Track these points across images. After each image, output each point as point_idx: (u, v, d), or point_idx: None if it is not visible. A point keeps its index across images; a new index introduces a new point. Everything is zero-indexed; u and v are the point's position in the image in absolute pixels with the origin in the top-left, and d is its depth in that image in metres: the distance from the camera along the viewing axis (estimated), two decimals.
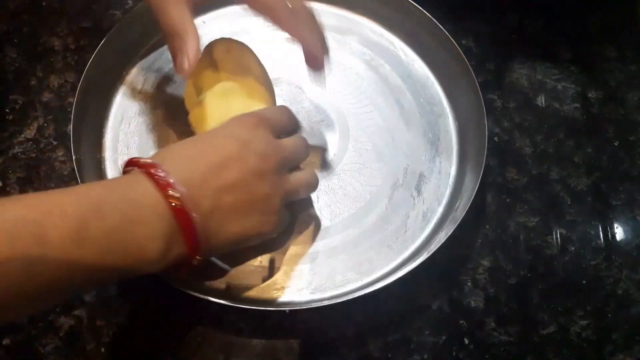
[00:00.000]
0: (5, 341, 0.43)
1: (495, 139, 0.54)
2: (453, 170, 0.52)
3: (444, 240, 0.44)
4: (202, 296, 0.42)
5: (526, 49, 0.60)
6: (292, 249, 0.47)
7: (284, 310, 0.44)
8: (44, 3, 0.59)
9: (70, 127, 0.48)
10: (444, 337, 0.46)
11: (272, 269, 0.46)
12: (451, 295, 0.47)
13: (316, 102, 0.54)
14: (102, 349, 0.43)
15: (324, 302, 0.43)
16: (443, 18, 0.56)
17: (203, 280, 0.45)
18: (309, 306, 0.44)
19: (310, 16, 0.45)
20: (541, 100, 0.57)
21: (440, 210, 0.50)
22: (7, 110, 0.53)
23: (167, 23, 0.42)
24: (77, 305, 0.44)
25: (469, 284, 0.48)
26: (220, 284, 0.45)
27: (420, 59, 0.58)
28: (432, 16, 0.55)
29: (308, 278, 0.46)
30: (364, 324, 0.45)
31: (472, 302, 0.47)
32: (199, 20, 0.57)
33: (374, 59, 0.57)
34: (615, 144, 0.55)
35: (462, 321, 0.46)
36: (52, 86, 0.54)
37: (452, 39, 0.54)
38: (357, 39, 0.58)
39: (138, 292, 0.45)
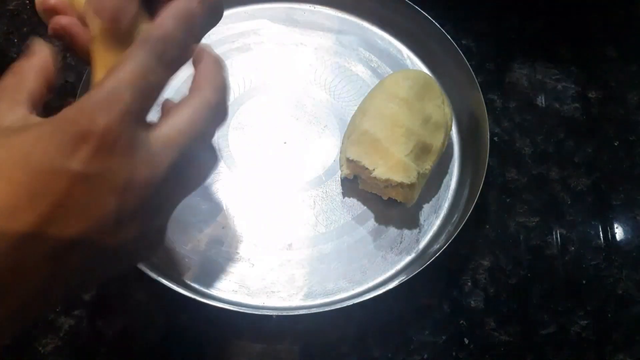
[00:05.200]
0: (5, 341, 0.43)
1: (495, 139, 0.54)
2: (454, 178, 0.52)
3: (438, 254, 0.44)
4: (199, 299, 0.42)
5: (526, 49, 0.60)
6: (286, 254, 0.47)
7: (272, 316, 0.43)
8: None
9: None
10: (444, 337, 0.46)
11: (265, 274, 0.46)
12: (451, 295, 0.47)
13: (320, 107, 0.54)
14: (102, 349, 0.43)
15: (313, 309, 0.43)
16: (443, 18, 0.56)
17: (201, 283, 0.46)
18: (297, 312, 0.43)
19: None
20: (541, 100, 0.57)
21: (437, 223, 0.50)
22: None
23: None
24: (77, 305, 0.44)
25: (469, 284, 0.48)
26: (214, 286, 0.45)
27: (419, 59, 0.58)
28: (432, 16, 0.55)
29: (300, 284, 0.46)
30: (364, 324, 0.45)
31: (472, 302, 0.47)
32: None
33: (372, 60, 0.57)
34: (615, 144, 0.55)
35: (462, 321, 0.46)
36: None
37: (452, 39, 0.54)
38: (356, 40, 0.58)
39: (137, 293, 0.45)
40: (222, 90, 0.30)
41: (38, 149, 0.24)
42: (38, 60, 0.30)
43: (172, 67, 0.29)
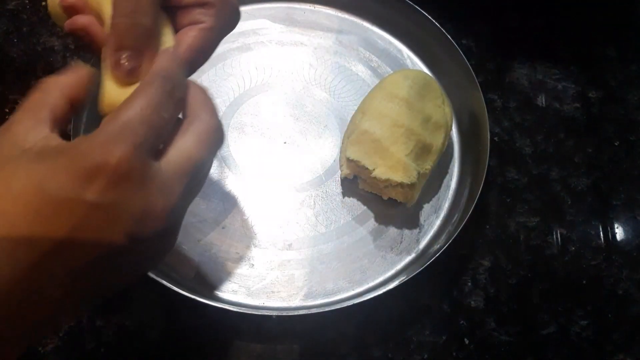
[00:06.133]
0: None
1: (496, 138, 0.54)
2: (454, 178, 0.52)
3: (438, 254, 0.44)
4: (199, 299, 0.42)
5: (526, 49, 0.60)
6: (286, 254, 0.47)
7: (272, 316, 0.43)
8: (43, 3, 0.59)
9: (71, 127, 0.48)
10: (444, 337, 0.46)
11: (264, 274, 0.46)
12: (451, 295, 0.47)
13: (320, 107, 0.54)
14: (102, 349, 0.43)
15: (313, 309, 0.43)
16: (443, 18, 0.56)
17: (201, 283, 0.45)
18: (297, 312, 0.43)
19: None
20: (541, 100, 0.57)
21: (437, 222, 0.50)
22: (7, 110, 0.53)
23: None
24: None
25: (469, 284, 0.48)
26: (214, 286, 0.45)
27: (419, 59, 0.58)
28: (432, 16, 0.55)
29: (300, 284, 0.46)
30: (364, 324, 0.45)
31: (472, 302, 0.47)
32: None
33: (372, 60, 0.57)
34: (616, 144, 0.55)
35: (462, 321, 0.46)
36: None
37: (452, 39, 0.54)
38: (356, 40, 0.58)
39: (138, 293, 0.45)
40: (216, 113, 0.31)
41: (54, 180, 0.25)
42: (66, 78, 0.30)
43: (180, 105, 0.30)
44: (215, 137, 0.30)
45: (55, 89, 0.29)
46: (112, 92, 0.30)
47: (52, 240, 0.25)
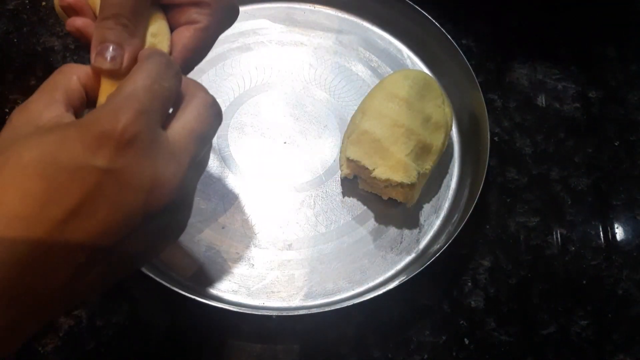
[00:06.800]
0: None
1: (496, 138, 0.54)
2: (454, 178, 0.52)
3: (438, 254, 0.44)
4: (199, 299, 0.42)
5: (526, 49, 0.60)
6: (286, 254, 0.47)
7: (272, 316, 0.43)
8: (43, 3, 0.59)
9: None
10: (444, 337, 0.46)
11: (264, 274, 0.46)
12: (451, 295, 0.47)
13: (320, 107, 0.54)
14: (102, 349, 0.43)
15: (313, 309, 0.43)
16: (443, 18, 0.56)
17: (201, 283, 0.45)
18: (297, 312, 0.43)
19: None
20: (541, 100, 0.57)
21: (437, 223, 0.50)
22: (7, 110, 0.53)
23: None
24: (77, 305, 0.44)
25: (469, 284, 0.48)
26: (214, 286, 0.45)
27: (419, 59, 0.58)
28: (432, 16, 0.55)
29: (300, 284, 0.46)
30: (364, 324, 0.45)
31: (472, 302, 0.47)
32: None
33: (372, 60, 0.57)
34: (616, 144, 0.55)
35: (462, 321, 0.46)
36: None
37: (452, 39, 0.54)
38: (356, 40, 0.58)
39: (138, 293, 0.45)
40: (209, 92, 0.32)
41: (65, 149, 0.25)
42: (83, 66, 0.31)
43: (178, 77, 0.31)
44: (214, 111, 0.31)
45: (72, 74, 0.30)
46: (108, 89, 0.31)
47: (65, 208, 0.25)
